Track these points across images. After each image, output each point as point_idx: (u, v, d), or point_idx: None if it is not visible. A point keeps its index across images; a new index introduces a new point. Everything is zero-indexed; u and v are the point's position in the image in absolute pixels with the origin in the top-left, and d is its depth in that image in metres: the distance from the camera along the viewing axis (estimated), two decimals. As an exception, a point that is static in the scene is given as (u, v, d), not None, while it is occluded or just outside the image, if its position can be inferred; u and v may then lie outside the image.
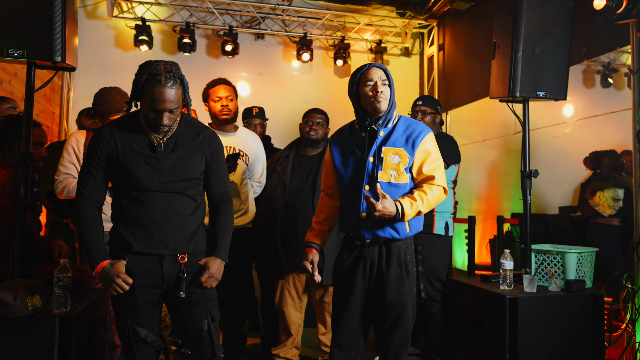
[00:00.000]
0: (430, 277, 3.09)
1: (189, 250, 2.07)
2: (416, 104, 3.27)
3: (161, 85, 1.91)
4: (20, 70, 4.28)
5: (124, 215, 2.05)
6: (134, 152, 2.01)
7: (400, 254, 2.17)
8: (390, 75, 2.16)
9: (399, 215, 2.05)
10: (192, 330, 2.09)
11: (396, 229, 2.14)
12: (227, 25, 5.68)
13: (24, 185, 2.24)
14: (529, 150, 3.01)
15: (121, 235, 2.03)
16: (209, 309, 2.10)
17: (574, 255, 2.85)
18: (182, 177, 2.05)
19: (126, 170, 2.01)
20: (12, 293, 2.00)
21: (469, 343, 2.97)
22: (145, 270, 2.02)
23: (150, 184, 2.01)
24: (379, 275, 2.18)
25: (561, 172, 4.95)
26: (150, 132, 2.03)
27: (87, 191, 2.04)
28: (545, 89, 2.93)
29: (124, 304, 2.04)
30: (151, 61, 1.99)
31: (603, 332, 2.80)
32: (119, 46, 5.64)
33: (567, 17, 2.95)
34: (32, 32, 2.19)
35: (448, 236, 3.20)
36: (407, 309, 2.17)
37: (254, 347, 3.73)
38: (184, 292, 2.02)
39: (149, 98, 1.93)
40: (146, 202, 2.01)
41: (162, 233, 2.02)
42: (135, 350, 2.05)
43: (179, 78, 1.96)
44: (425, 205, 2.10)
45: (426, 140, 2.17)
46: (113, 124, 2.08)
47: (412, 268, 2.21)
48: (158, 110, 1.94)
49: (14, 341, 2.01)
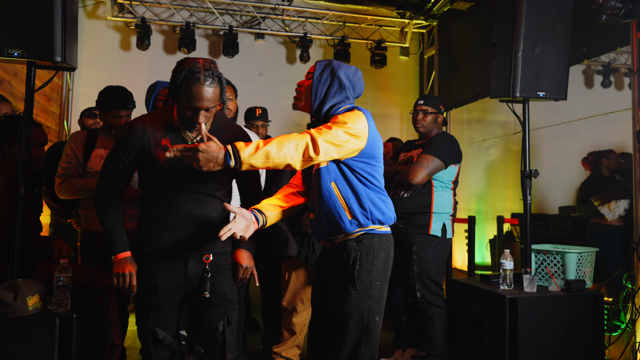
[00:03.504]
0: (424, 279, 3.04)
1: (215, 250, 2.06)
2: (418, 103, 3.27)
3: (199, 83, 1.88)
4: (21, 70, 4.28)
5: (152, 217, 2.03)
6: (166, 150, 1.96)
7: (349, 258, 1.93)
8: (314, 71, 2.04)
9: (229, 155, 1.72)
10: (208, 330, 2.07)
11: (340, 219, 1.92)
12: (227, 25, 5.69)
13: (24, 185, 2.24)
14: (529, 150, 3.01)
15: (149, 237, 2.02)
16: (227, 310, 2.07)
17: (574, 255, 2.85)
18: (212, 178, 2.01)
19: (157, 169, 1.98)
20: (12, 293, 2.01)
21: (469, 343, 2.97)
22: (169, 272, 2.02)
23: (179, 184, 1.98)
24: (327, 281, 2.02)
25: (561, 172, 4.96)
26: (184, 130, 2.00)
27: (109, 180, 2.03)
28: (545, 89, 2.93)
29: (146, 305, 2.04)
30: (189, 58, 1.96)
31: (603, 332, 2.80)
32: (119, 46, 5.64)
33: (567, 17, 2.96)
34: (32, 32, 2.19)
35: (446, 238, 3.11)
36: (351, 322, 1.90)
37: (254, 347, 3.73)
38: (208, 292, 2.01)
39: (186, 95, 1.90)
40: (174, 203, 1.99)
41: (189, 236, 2.00)
42: (152, 351, 2.05)
43: (217, 76, 1.93)
44: (276, 145, 1.76)
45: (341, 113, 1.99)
46: (147, 118, 2.04)
47: (368, 277, 1.92)
48: (195, 108, 1.90)
49: (14, 341, 2.01)
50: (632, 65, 3.17)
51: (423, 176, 3.03)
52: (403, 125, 6.37)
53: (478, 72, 5.33)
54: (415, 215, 3.09)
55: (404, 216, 3.10)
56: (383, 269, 1.94)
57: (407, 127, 6.29)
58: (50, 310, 2.08)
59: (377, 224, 1.96)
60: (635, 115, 3.14)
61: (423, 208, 3.09)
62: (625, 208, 4.05)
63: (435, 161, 3.04)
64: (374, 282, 1.91)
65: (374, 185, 1.98)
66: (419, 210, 3.09)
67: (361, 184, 1.95)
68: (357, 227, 1.93)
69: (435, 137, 3.19)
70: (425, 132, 3.24)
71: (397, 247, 3.18)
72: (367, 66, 6.20)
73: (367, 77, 1.87)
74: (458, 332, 3.08)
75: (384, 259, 1.95)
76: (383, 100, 6.38)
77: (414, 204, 3.10)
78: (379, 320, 1.93)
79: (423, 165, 3.03)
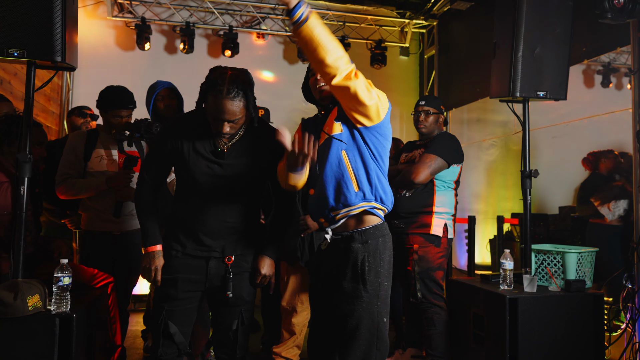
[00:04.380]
0: (425, 279, 3.04)
1: (237, 252, 2.10)
2: (419, 104, 3.26)
3: (222, 97, 1.88)
4: (20, 70, 4.28)
5: (180, 216, 2.10)
6: (198, 154, 2.03)
7: (357, 260, 1.88)
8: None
9: (301, 4, 1.66)
10: (222, 327, 2.13)
11: (347, 188, 1.88)
12: (227, 25, 5.69)
13: (24, 185, 2.24)
14: (529, 150, 3.01)
15: (176, 235, 2.09)
16: (242, 310, 2.12)
17: (574, 255, 2.85)
18: (240, 185, 2.06)
19: (187, 171, 2.04)
20: (12, 293, 2.00)
21: (469, 343, 2.97)
22: (191, 268, 2.07)
23: (207, 188, 2.03)
24: (328, 283, 1.98)
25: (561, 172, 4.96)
26: (216, 137, 2.03)
27: (149, 176, 2.11)
28: (545, 89, 2.93)
29: (164, 296, 2.08)
30: (220, 67, 1.97)
31: (603, 332, 2.80)
32: (119, 46, 5.64)
33: (567, 17, 2.96)
34: (32, 32, 2.19)
35: (447, 238, 3.11)
36: (362, 325, 1.86)
37: (254, 347, 3.73)
38: (231, 291, 2.05)
39: (210, 106, 1.93)
40: (201, 206, 2.05)
41: (213, 238, 2.06)
42: (160, 345, 2.07)
43: (242, 90, 1.91)
44: (339, 48, 1.73)
45: None
46: (185, 120, 2.11)
47: (376, 279, 1.88)
48: (218, 120, 1.93)
49: (14, 341, 2.01)
50: (632, 65, 3.17)
51: (426, 175, 3.03)
52: (403, 125, 6.37)
53: (478, 72, 5.33)
54: (417, 215, 3.09)
55: (406, 215, 3.10)
56: (388, 269, 1.93)
57: (407, 127, 6.29)
58: (50, 310, 2.08)
59: (380, 202, 1.93)
60: (635, 115, 3.14)
61: (425, 208, 3.09)
62: (625, 208, 4.05)
63: (438, 160, 3.04)
64: (381, 283, 1.89)
65: (381, 165, 1.96)
66: (421, 210, 3.09)
67: (371, 159, 1.92)
68: (361, 201, 1.89)
69: (437, 136, 3.19)
70: (427, 133, 3.24)
71: (397, 247, 3.19)
72: (367, 66, 6.20)
73: (367, 77, 1.86)
74: (458, 332, 3.08)
75: (388, 259, 1.94)
76: (383, 100, 6.38)
77: (416, 203, 3.10)
78: (387, 320, 1.91)
79: (426, 165, 3.03)
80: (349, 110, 1.87)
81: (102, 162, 2.87)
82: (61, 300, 2.08)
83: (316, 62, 1.74)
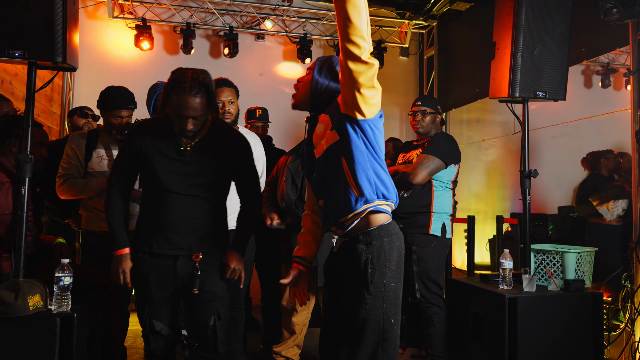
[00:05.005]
0: (424, 279, 3.04)
1: (204, 250, 2.16)
2: (415, 104, 3.27)
3: (184, 93, 1.99)
4: (21, 70, 4.29)
5: (146, 217, 2.18)
6: (161, 154, 2.11)
7: (360, 262, 1.86)
8: (315, 66, 2.05)
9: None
10: (199, 325, 2.18)
11: (351, 193, 1.87)
12: (227, 26, 5.70)
13: (25, 185, 2.24)
14: (529, 150, 3.02)
15: (143, 235, 2.16)
16: (217, 306, 2.18)
17: (573, 255, 2.86)
18: (203, 182, 2.15)
19: (151, 171, 2.12)
20: (13, 292, 2.01)
21: (469, 342, 2.98)
22: (159, 268, 2.14)
23: (172, 186, 2.11)
24: (337, 285, 1.98)
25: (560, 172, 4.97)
26: (180, 136, 2.12)
27: (117, 181, 2.19)
28: (544, 89, 2.94)
29: (142, 299, 2.18)
30: (181, 68, 2.08)
31: (602, 332, 2.81)
32: (119, 47, 5.65)
33: (567, 17, 2.96)
34: (33, 33, 2.19)
35: (445, 238, 3.12)
36: (367, 327, 1.84)
37: (254, 347, 3.73)
38: (197, 288, 2.11)
39: (174, 104, 2.03)
40: (166, 204, 2.12)
41: (179, 236, 2.12)
42: (151, 340, 2.19)
43: (204, 86, 2.03)
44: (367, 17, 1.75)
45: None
46: (147, 124, 2.20)
47: (381, 280, 1.86)
48: (182, 116, 2.03)
49: (15, 340, 2.02)
50: (631, 66, 3.18)
51: (424, 176, 3.04)
52: (403, 126, 6.38)
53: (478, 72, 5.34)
54: (415, 215, 3.10)
55: (404, 216, 3.11)
56: (396, 269, 1.89)
57: (407, 127, 6.30)
58: (51, 310, 2.09)
59: (383, 199, 1.92)
60: (635, 115, 3.15)
61: (423, 208, 3.10)
62: (624, 208, 4.05)
63: (436, 161, 3.05)
64: (388, 285, 1.86)
65: (378, 159, 1.94)
66: (419, 210, 3.10)
67: (370, 155, 1.91)
68: (364, 204, 1.88)
69: (434, 137, 3.20)
70: (424, 133, 3.25)
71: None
72: (367, 66, 6.20)
73: (367, 77, 1.87)
74: (457, 331, 3.08)
75: (397, 259, 1.90)
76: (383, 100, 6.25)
77: (414, 203, 3.11)
78: (394, 322, 1.88)
79: (424, 165, 3.03)
80: (350, 94, 1.84)
81: (102, 162, 2.88)
82: (62, 300, 2.09)
83: (353, 29, 1.73)
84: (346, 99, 1.87)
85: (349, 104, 1.86)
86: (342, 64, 1.80)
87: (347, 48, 1.75)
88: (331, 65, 2.02)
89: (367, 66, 1.77)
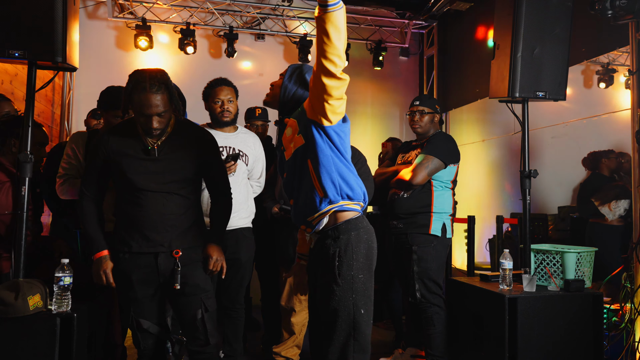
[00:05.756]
0: (424, 278, 3.04)
1: (184, 246, 2.19)
2: (414, 104, 3.27)
3: (146, 92, 2.04)
4: (22, 70, 4.29)
5: (122, 217, 2.21)
6: (129, 156, 2.15)
7: (328, 256, 1.94)
8: (286, 72, 2.16)
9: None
10: (187, 319, 2.22)
11: (316, 194, 1.96)
12: (227, 26, 5.70)
13: (25, 185, 2.25)
14: (529, 150, 3.02)
15: (121, 236, 2.19)
16: (203, 299, 2.21)
17: (573, 255, 2.86)
18: (175, 179, 2.19)
19: (122, 173, 2.16)
20: (13, 292, 2.02)
21: (469, 342, 2.98)
22: (141, 267, 2.16)
23: (144, 185, 2.15)
24: (314, 280, 2.06)
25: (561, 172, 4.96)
26: (145, 137, 2.16)
27: (88, 190, 2.23)
28: (544, 89, 2.94)
29: (126, 299, 2.20)
30: (138, 70, 2.12)
31: (602, 332, 2.80)
32: (119, 46, 5.66)
33: (567, 17, 2.96)
34: (33, 33, 2.20)
35: (446, 238, 3.12)
36: (337, 318, 1.91)
37: (254, 346, 3.74)
38: (178, 284, 2.14)
39: (136, 104, 2.07)
40: (141, 203, 2.15)
41: (157, 233, 2.16)
42: (140, 339, 2.22)
43: (164, 83, 2.08)
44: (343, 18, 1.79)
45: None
46: (111, 130, 2.23)
47: (349, 272, 1.92)
48: (146, 115, 2.07)
49: (15, 340, 2.02)
50: (631, 66, 3.17)
51: (423, 176, 3.04)
52: (403, 125, 6.38)
53: (478, 72, 5.34)
54: (415, 215, 3.10)
55: (404, 216, 3.11)
56: (365, 262, 1.96)
57: (407, 127, 6.30)
58: (51, 310, 2.09)
59: (347, 199, 1.99)
60: (635, 115, 3.15)
61: (423, 208, 3.10)
62: (626, 208, 4.04)
63: (435, 161, 3.05)
64: (356, 276, 1.93)
65: (344, 161, 2.02)
66: (419, 210, 3.10)
67: (335, 157, 1.99)
68: (327, 205, 1.97)
69: (433, 137, 3.20)
70: (423, 133, 3.25)
71: (397, 247, 3.20)
72: (367, 66, 6.21)
73: (367, 77, 1.90)
74: (457, 331, 3.08)
75: (365, 252, 1.97)
76: (383, 100, 6.39)
77: (414, 204, 3.11)
78: (365, 312, 1.94)
79: (423, 166, 3.04)
80: (319, 104, 1.90)
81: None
82: (62, 300, 2.09)
83: (332, 49, 1.80)
84: (314, 106, 1.94)
85: (316, 111, 1.94)
86: (316, 77, 1.87)
87: (323, 64, 1.82)
88: (301, 74, 2.13)
89: (340, 81, 1.86)
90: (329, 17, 1.76)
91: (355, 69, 6.20)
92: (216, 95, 2.99)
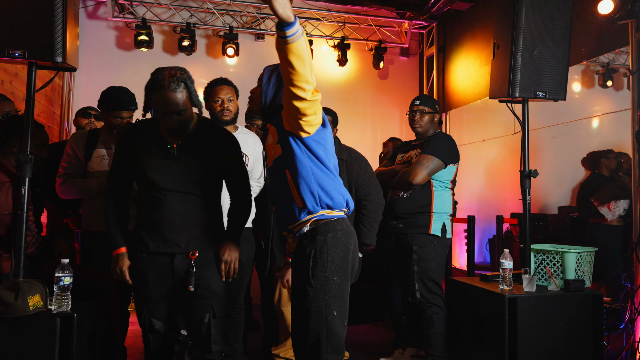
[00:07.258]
0: (424, 278, 3.04)
1: (201, 247, 2.18)
2: (414, 104, 3.28)
3: (165, 90, 2.04)
4: (21, 70, 4.29)
5: (142, 216, 2.20)
6: (150, 154, 2.15)
7: (304, 257, 1.95)
8: (263, 77, 2.16)
9: (294, 25, 1.69)
10: (194, 322, 2.20)
11: (295, 205, 1.95)
12: (227, 26, 5.70)
13: (25, 186, 2.25)
14: (529, 150, 3.02)
15: (140, 234, 2.19)
16: (213, 303, 2.19)
17: (573, 255, 2.86)
18: (194, 179, 2.17)
19: (142, 171, 2.16)
20: (13, 292, 2.01)
21: (469, 342, 2.98)
22: (157, 267, 2.17)
23: (163, 184, 2.13)
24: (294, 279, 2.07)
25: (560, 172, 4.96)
26: (167, 135, 2.16)
27: (113, 185, 2.25)
28: (544, 89, 2.94)
29: (141, 298, 2.21)
30: (159, 68, 2.12)
31: (602, 332, 2.80)
32: (119, 46, 5.65)
33: (567, 17, 2.96)
34: (33, 33, 2.20)
35: (445, 238, 3.13)
36: (309, 318, 1.92)
37: (254, 346, 3.73)
38: (192, 285, 2.13)
39: (156, 102, 2.08)
40: (160, 202, 2.14)
41: (175, 233, 2.15)
42: (151, 340, 2.23)
43: (183, 81, 2.07)
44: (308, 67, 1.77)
45: None
46: (135, 127, 2.24)
47: (323, 273, 1.92)
48: (165, 113, 2.07)
49: (15, 340, 2.02)
50: (631, 66, 3.17)
51: (423, 176, 3.04)
52: (403, 125, 6.38)
53: (478, 72, 5.34)
54: (415, 215, 3.10)
55: (404, 216, 3.11)
56: (341, 264, 1.95)
57: (406, 127, 6.28)
58: (51, 310, 2.09)
59: (327, 209, 1.98)
60: (635, 115, 3.15)
61: (423, 208, 3.10)
62: (625, 208, 4.04)
63: (435, 161, 3.06)
64: (330, 278, 1.92)
65: (325, 169, 1.99)
66: (419, 210, 3.10)
67: (314, 167, 1.97)
68: (306, 215, 1.96)
69: (433, 137, 3.20)
70: (423, 132, 3.25)
71: (397, 247, 3.20)
72: (367, 66, 6.21)
73: (367, 77, 1.89)
74: (457, 331, 3.08)
75: (341, 254, 1.95)
76: (383, 100, 6.39)
77: (414, 204, 3.11)
78: (337, 314, 1.94)
79: (423, 165, 3.04)
80: (294, 121, 1.90)
81: (102, 162, 2.88)
82: (62, 300, 2.09)
83: (297, 76, 1.77)
84: (289, 122, 1.93)
85: (292, 127, 1.93)
86: (287, 100, 1.85)
87: (292, 91, 1.81)
88: (279, 75, 2.08)
89: (312, 102, 1.84)
90: (289, 48, 1.72)
91: (355, 69, 6.20)
92: (216, 94, 2.99)
